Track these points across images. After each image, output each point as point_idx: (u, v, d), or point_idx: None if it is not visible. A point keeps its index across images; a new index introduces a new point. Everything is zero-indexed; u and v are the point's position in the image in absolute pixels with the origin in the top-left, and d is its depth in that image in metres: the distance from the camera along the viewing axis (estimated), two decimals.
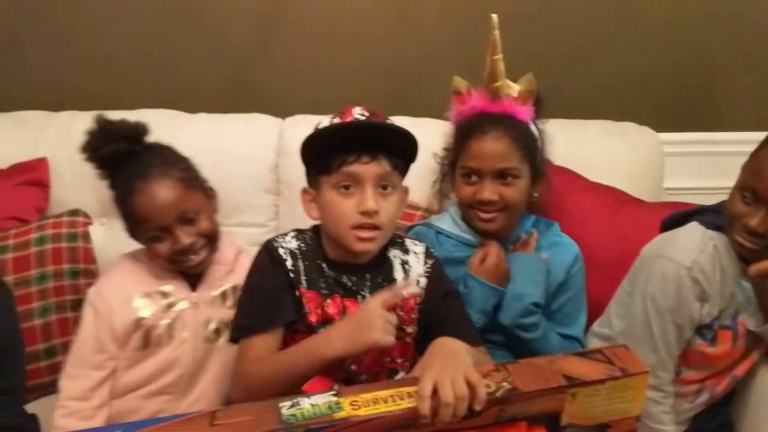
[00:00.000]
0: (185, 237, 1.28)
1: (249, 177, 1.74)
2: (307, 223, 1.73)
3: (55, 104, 1.82)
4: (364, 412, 0.88)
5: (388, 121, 1.18)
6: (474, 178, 1.35)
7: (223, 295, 1.36)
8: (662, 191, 1.79)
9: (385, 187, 1.16)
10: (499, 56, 1.34)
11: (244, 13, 1.91)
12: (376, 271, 1.23)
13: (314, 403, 0.89)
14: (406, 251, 1.28)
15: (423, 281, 1.25)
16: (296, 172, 1.70)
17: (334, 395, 0.91)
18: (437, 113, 1.83)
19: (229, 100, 1.94)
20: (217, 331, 1.35)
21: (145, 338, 1.30)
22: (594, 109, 1.85)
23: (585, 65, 1.95)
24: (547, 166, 1.44)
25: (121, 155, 1.27)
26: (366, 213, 1.14)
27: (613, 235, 1.51)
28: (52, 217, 1.56)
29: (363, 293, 1.21)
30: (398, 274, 1.24)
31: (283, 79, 1.96)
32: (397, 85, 1.96)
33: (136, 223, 1.29)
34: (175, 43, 1.93)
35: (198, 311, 1.34)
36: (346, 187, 1.15)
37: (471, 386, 0.93)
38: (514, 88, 1.36)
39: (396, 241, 1.28)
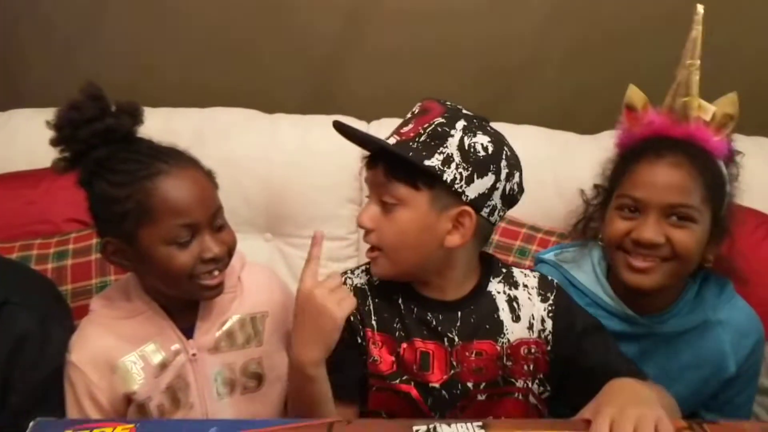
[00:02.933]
0: (216, 244, 0.99)
1: (330, 184, 1.59)
2: None
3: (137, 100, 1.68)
4: None
5: (419, 121, 0.96)
6: (634, 213, 1.05)
7: (230, 335, 1.07)
8: None
9: (384, 202, 0.96)
10: (696, 62, 1.04)
11: (331, 8, 1.77)
12: (470, 308, 1.01)
13: None
14: (513, 284, 1.04)
15: (548, 324, 1.02)
16: None
17: (481, 428, 0.78)
18: (538, 120, 1.70)
19: (309, 100, 1.79)
20: (231, 383, 1.07)
21: (142, 413, 1.02)
22: None
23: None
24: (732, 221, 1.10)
25: (119, 135, 0.96)
26: (359, 226, 0.99)
27: (763, 264, 1.28)
28: None
29: (450, 335, 1.00)
30: (504, 314, 1.01)
31: (370, 80, 1.80)
32: (496, 90, 1.79)
33: (152, 219, 0.95)
34: (255, 37, 1.79)
35: (200, 364, 1.05)
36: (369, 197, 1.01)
37: None
38: (708, 110, 1.07)
39: (500, 270, 1.05)
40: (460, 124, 0.95)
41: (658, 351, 1.11)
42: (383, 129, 1.61)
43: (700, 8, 1.04)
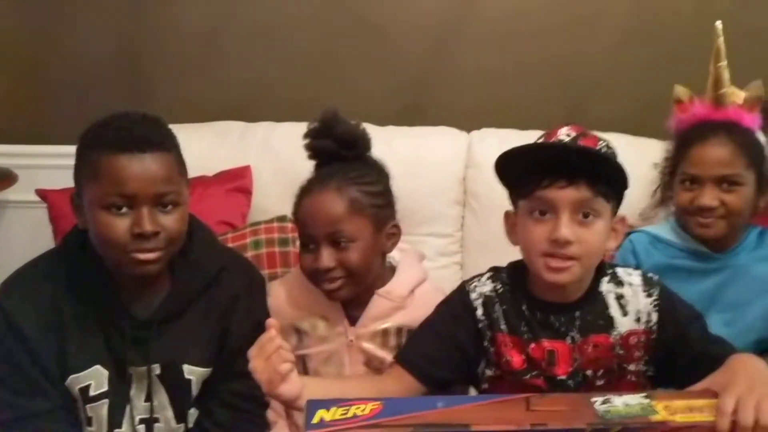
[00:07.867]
0: (327, 259, 1.16)
1: (438, 188, 1.78)
2: (487, 236, 1.77)
3: (247, 116, 1.91)
4: (680, 418, 0.82)
5: (586, 143, 1.06)
6: (694, 185, 1.35)
7: (385, 335, 1.22)
8: None
9: (586, 215, 1.05)
10: (723, 63, 1.37)
11: (425, 24, 1.95)
12: (587, 308, 1.12)
13: (627, 402, 0.84)
14: (619, 283, 1.14)
15: (653, 317, 1.12)
16: (483, 184, 1.76)
17: (646, 398, 0.85)
18: (625, 128, 1.81)
19: (404, 112, 1.96)
20: (378, 373, 1.21)
21: (299, 366, 1.16)
22: None
23: None
24: None
25: (327, 154, 1.22)
26: (557, 242, 1.04)
27: None
28: (263, 223, 1.62)
29: (572, 334, 1.11)
30: (614, 311, 1.12)
31: (462, 95, 1.97)
32: (582, 101, 1.94)
33: (297, 225, 1.24)
34: (357, 55, 1.98)
35: (354, 350, 1.23)
36: (542, 213, 1.05)
37: None
38: (740, 95, 1.38)
39: (606, 272, 1.15)
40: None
41: (734, 281, 1.37)
42: (487, 138, 1.80)
43: (719, 24, 1.37)
